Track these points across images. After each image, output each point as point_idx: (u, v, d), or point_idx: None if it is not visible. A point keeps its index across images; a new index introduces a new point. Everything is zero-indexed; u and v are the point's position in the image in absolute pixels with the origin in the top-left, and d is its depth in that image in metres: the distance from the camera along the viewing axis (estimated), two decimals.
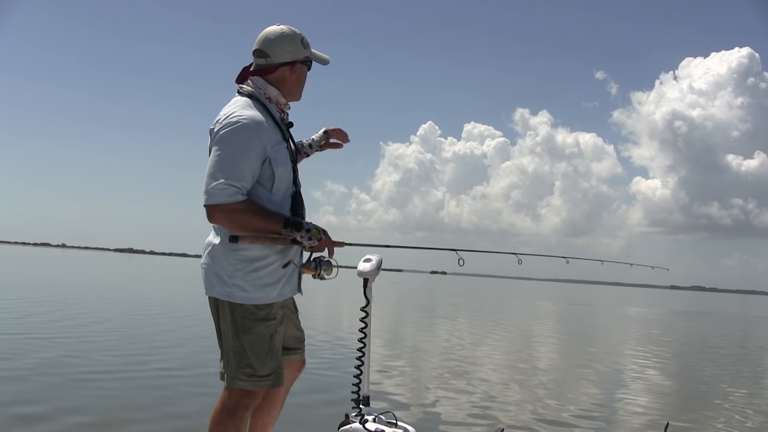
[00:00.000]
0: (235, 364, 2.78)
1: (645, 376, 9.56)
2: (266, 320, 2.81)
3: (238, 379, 2.78)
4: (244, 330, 2.77)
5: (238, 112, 2.72)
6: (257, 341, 2.78)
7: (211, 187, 2.61)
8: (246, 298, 2.76)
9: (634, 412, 6.73)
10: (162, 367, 7.62)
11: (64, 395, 5.88)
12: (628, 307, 40.07)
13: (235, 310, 2.77)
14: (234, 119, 2.68)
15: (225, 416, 2.79)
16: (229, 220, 2.66)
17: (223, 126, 2.69)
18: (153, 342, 9.75)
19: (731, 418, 6.64)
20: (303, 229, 2.75)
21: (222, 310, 2.82)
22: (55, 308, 13.76)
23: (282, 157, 2.78)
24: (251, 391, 2.80)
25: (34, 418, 5.04)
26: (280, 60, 2.86)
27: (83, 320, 11.82)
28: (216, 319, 2.90)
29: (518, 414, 6.21)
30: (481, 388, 7.53)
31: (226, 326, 2.82)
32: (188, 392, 6.35)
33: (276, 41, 2.85)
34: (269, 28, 2.89)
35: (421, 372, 8.52)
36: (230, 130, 2.66)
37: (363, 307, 3.41)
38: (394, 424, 3.31)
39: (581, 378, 8.92)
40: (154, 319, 13.17)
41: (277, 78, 2.89)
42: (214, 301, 2.86)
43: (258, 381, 2.79)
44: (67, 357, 7.82)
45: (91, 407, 5.46)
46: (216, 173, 2.62)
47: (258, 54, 2.88)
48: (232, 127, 2.67)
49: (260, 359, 2.78)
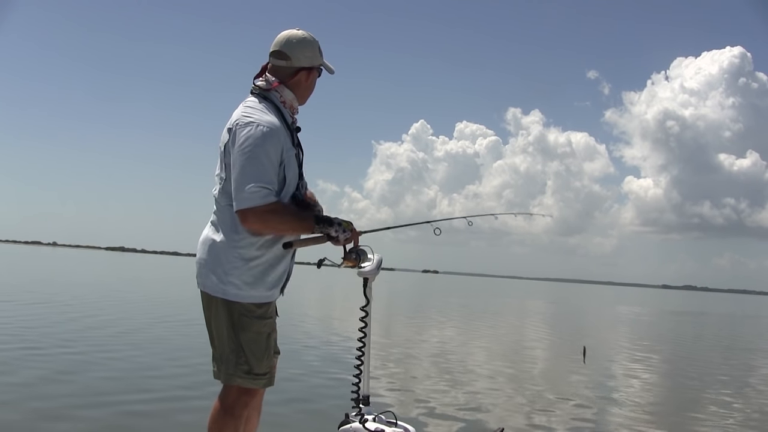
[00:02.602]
0: (234, 361, 2.79)
1: (636, 374, 9.62)
2: (263, 318, 2.83)
3: (236, 376, 2.79)
4: (242, 328, 2.79)
5: (259, 116, 2.74)
6: (255, 339, 2.80)
7: (243, 191, 2.64)
8: (243, 296, 2.77)
9: (629, 410, 6.78)
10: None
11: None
12: (619, 307, 40.23)
13: (233, 307, 2.78)
14: (256, 124, 2.69)
15: (224, 414, 2.81)
16: (263, 222, 2.69)
17: (245, 131, 2.70)
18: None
19: (718, 417, 6.71)
20: (335, 224, 2.83)
21: (217, 307, 2.81)
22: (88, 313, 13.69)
23: (292, 162, 2.82)
24: (249, 388, 2.82)
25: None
26: (299, 64, 2.89)
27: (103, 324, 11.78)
28: (207, 316, 2.89)
29: (518, 414, 6.24)
30: (480, 387, 7.56)
31: (220, 324, 2.81)
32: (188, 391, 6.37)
33: (298, 45, 2.89)
34: (290, 31, 2.93)
35: (421, 371, 8.54)
36: (255, 136, 2.67)
37: (363, 307, 3.42)
38: (394, 424, 3.33)
39: (575, 378, 8.97)
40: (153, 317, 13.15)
41: (295, 82, 2.92)
42: (207, 297, 2.85)
43: (255, 379, 2.81)
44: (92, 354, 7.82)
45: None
46: (247, 178, 2.64)
47: (278, 55, 2.89)
48: (256, 132, 2.68)
49: (257, 357, 2.80)
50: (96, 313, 13.34)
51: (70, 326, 10.86)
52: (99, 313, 13.24)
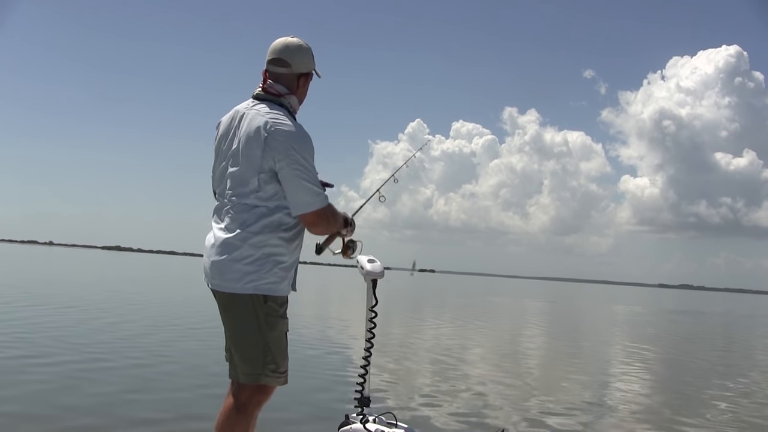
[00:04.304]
0: (261, 360, 2.83)
1: (632, 373, 9.64)
2: (285, 317, 2.91)
3: (264, 375, 2.84)
4: (270, 326, 2.83)
5: (290, 122, 2.87)
6: (279, 338, 2.88)
7: (307, 196, 2.80)
8: (276, 289, 2.84)
9: (627, 410, 6.79)
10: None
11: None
12: (616, 306, 40.32)
13: (259, 307, 2.81)
14: (292, 129, 2.83)
15: (236, 413, 2.84)
16: (326, 223, 2.92)
17: (287, 137, 2.80)
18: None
19: (716, 417, 6.73)
20: (350, 223, 3.14)
21: (240, 306, 2.83)
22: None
23: None
24: (264, 386, 2.87)
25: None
26: (299, 71, 3.01)
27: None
28: (225, 317, 2.92)
29: (518, 414, 6.23)
30: (480, 388, 7.55)
31: (245, 323, 2.84)
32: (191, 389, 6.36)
33: (297, 52, 3.00)
34: (286, 38, 3.02)
35: (420, 372, 8.52)
36: (301, 141, 2.83)
37: (372, 307, 3.48)
38: (394, 425, 3.34)
39: (573, 377, 8.97)
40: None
41: (294, 88, 3.03)
42: (227, 297, 2.85)
43: (280, 377, 2.89)
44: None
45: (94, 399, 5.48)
46: (306, 183, 2.80)
47: (279, 63, 2.98)
48: (297, 135, 2.83)
49: (282, 355, 2.89)
50: (152, 321, 13.30)
51: (142, 340, 10.79)
52: (154, 322, 13.21)
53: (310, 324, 13.14)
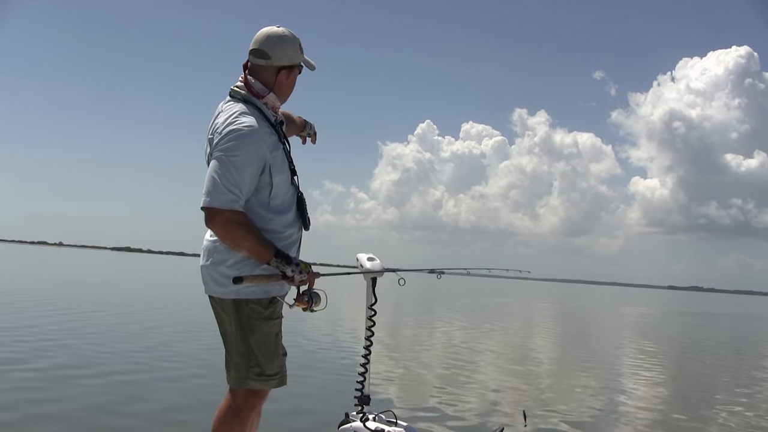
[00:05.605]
0: (245, 365, 2.78)
1: (641, 375, 9.56)
2: (271, 319, 2.82)
3: (249, 379, 2.78)
4: (251, 330, 2.78)
5: (239, 120, 2.69)
6: (264, 341, 2.79)
7: (211, 190, 2.61)
8: (254, 292, 2.74)
9: (634, 412, 6.73)
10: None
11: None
12: (625, 307, 40.14)
13: (241, 310, 2.76)
14: (235, 128, 2.65)
15: (231, 416, 2.80)
16: (225, 229, 2.63)
17: (223, 135, 2.66)
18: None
19: (725, 420, 6.65)
20: (293, 263, 2.72)
21: (226, 311, 2.80)
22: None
23: (279, 162, 2.78)
24: (258, 390, 2.82)
25: None
26: (279, 63, 2.84)
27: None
28: (219, 321, 2.89)
29: (518, 414, 6.20)
30: (480, 387, 7.53)
31: (230, 327, 2.81)
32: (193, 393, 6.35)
33: (278, 44, 2.83)
34: (270, 28, 2.86)
35: (421, 371, 8.50)
36: (233, 140, 2.63)
37: (371, 305, 3.45)
38: (394, 423, 3.32)
39: (579, 378, 8.93)
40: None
41: (275, 81, 2.86)
42: (218, 302, 2.84)
43: (267, 380, 2.81)
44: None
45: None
46: (216, 178, 2.60)
47: (258, 54, 2.83)
48: (234, 135, 2.64)
49: (268, 358, 2.80)
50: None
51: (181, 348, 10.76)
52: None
53: (310, 324, 13.12)
